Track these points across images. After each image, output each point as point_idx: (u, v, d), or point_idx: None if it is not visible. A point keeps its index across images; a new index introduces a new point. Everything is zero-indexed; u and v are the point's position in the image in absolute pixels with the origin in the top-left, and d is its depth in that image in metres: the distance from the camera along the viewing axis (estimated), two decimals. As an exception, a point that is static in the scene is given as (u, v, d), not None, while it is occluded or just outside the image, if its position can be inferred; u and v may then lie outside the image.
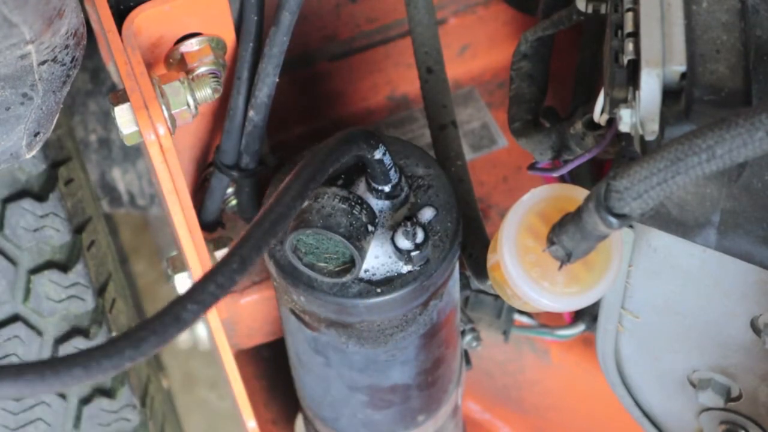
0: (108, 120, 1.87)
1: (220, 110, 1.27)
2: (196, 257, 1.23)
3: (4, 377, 0.77)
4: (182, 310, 0.82)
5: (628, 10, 1.03)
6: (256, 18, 1.19)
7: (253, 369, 1.65)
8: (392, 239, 1.11)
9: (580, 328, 1.40)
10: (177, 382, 2.27)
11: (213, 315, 1.28)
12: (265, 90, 1.20)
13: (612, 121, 1.06)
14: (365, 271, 1.11)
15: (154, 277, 2.34)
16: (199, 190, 1.33)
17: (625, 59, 1.01)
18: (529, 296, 1.05)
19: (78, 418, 1.35)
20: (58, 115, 1.12)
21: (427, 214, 1.13)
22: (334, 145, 1.03)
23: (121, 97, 1.14)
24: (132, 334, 0.80)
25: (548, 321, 1.43)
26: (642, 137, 1.00)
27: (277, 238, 0.90)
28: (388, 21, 1.61)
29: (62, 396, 1.33)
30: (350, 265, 1.09)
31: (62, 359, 0.79)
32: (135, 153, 1.89)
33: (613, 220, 0.92)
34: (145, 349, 0.80)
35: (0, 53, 1.01)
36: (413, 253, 1.10)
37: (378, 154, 1.07)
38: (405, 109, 1.64)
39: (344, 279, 1.09)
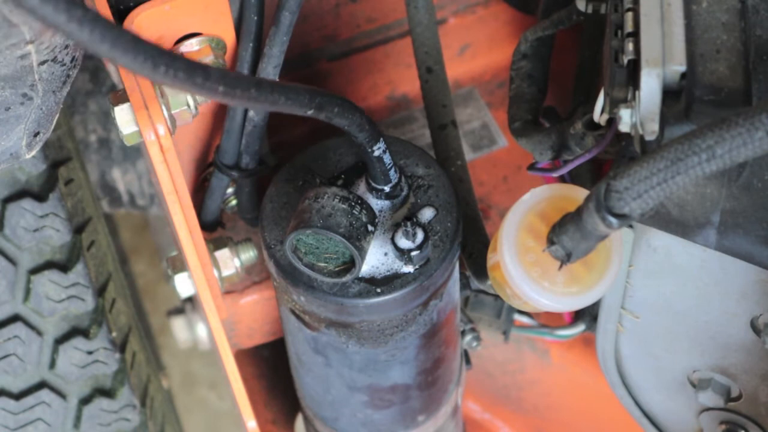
0: (108, 120, 1.87)
1: (220, 110, 1.27)
2: (196, 257, 1.23)
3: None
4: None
5: (628, 10, 1.03)
6: (256, 18, 1.19)
7: (253, 369, 1.65)
8: (392, 239, 1.11)
9: (580, 328, 1.40)
10: (177, 382, 2.27)
11: (213, 315, 1.28)
12: (265, 90, 1.20)
13: (612, 121, 1.06)
14: (365, 271, 1.11)
15: (154, 277, 2.34)
16: (199, 190, 1.33)
17: (625, 59, 1.01)
18: (529, 296, 1.05)
19: (78, 418, 1.35)
20: (58, 115, 1.12)
21: (427, 214, 1.13)
22: (342, 99, 1.02)
23: (121, 97, 1.14)
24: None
25: (548, 321, 1.43)
26: (642, 137, 1.00)
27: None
28: (388, 21, 1.61)
29: (62, 396, 1.33)
30: (350, 265, 1.09)
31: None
32: (135, 153, 1.89)
33: (613, 220, 0.92)
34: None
35: (0, 53, 1.01)
36: (413, 253, 1.10)
37: (378, 152, 1.07)
38: (405, 109, 1.64)
39: (344, 279, 1.09)
